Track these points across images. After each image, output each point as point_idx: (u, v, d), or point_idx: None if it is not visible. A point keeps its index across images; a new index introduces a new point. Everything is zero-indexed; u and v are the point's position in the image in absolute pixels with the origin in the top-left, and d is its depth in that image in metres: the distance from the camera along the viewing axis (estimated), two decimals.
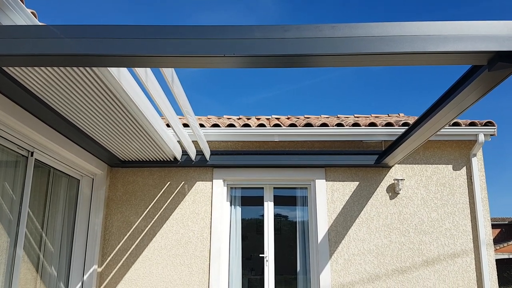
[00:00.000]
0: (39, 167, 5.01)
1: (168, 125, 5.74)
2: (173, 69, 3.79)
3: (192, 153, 6.15)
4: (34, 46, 2.69)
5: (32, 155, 4.66)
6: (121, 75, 3.66)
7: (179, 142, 6.10)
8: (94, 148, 5.46)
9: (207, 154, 6.21)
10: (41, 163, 4.98)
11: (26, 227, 4.68)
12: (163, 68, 3.53)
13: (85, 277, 5.94)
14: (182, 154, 6.32)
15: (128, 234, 6.39)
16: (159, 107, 4.24)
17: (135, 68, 3.44)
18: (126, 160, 6.32)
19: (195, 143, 6.29)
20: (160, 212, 6.46)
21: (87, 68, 3.39)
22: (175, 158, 6.26)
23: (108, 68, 3.46)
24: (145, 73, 3.66)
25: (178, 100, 4.18)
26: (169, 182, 6.56)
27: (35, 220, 5.01)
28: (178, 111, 4.83)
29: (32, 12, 3.00)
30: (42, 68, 3.32)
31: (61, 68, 3.36)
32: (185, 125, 6.15)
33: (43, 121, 4.41)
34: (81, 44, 2.70)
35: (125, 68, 3.76)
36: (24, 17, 2.87)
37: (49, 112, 4.17)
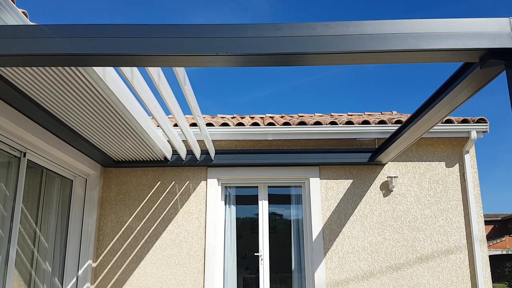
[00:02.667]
0: (32, 168, 4.97)
1: (176, 125, 5.92)
2: (184, 69, 3.82)
3: (197, 152, 6.17)
4: (26, 46, 2.67)
5: (24, 156, 4.63)
6: (107, 75, 3.64)
7: (184, 141, 6.16)
8: (87, 148, 5.43)
9: (212, 153, 6.23)
10: (34, 164, 4.95)
11: (19, 229, 4.65)
12: (176, 68, 3.56)
13: (79, 277, 5.91)
14: (173, 154, 6.30)
15: (122, 235, 6.36)
16: (169, 107, 4.27)
17: (148, 68, 3.46)
18: (120, 160, 6.30)
19: (187, 143, 6.27)
20: (154, 212, 6.44)
21: (78, 68, 3.37)
22: (165, 158, 6.26)
23: (100, 68, 3.45)
24: (158, 74, 3.72)
25: (188, 100, 4.22)
26: (163, 182, 6.54)
27: (28, 221, 4.98)
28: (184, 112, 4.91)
29: (23, 12, 2.98)
30: (34, 68, 3.30)
31: (52, 68, 3.34)
32: (175, 125, 6.13)
33: (36, 122, 4.38)
34: (72, 44, 2.68)
35: (124, 68, 3.74)
36: (16, 17, 2.85)
37: (41, 113, 4.14)
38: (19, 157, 4.60)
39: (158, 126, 5.70)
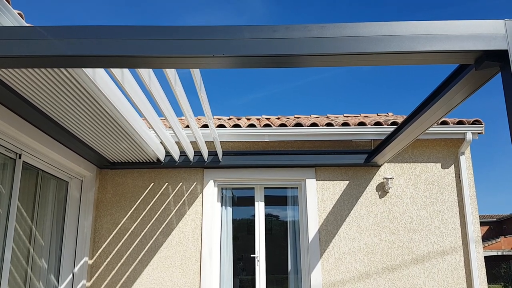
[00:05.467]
0: (27, 169, 4.95)
1: (187, 127, 6.02)
2: (200, 74, 3.85)
3: (205, 154, 6.23)
4: (21, 47, 2.66)
5: (20, 158, 4.61)
6: (102, 76, 3.64)
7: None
8: (82, 149, 5.41)
9: (219, 154, 6.25)
10: (29, 166, 4.93)
11: (15, 230, 4.62)
12: (194, 73, 3.59)
13: (75, 278, 5.89)
14: (180, 155, 6.30)
15: (118, 236, 6.34)
16: (182, 109, 4.34)
17: (166, 70, 3.49)
18: (115, 161, 6.29)
19: (184, 143, 6.27)
20: (150, 214, 6.42)
21: (73, 70, 3.37)
22: (160, 159, 6.25)
23: (96, 69, 3.44)
24: (174, 77, 3.74)
25: (203, 104, 4.29)
26: (159, 184, 6.53)
27: (23, 223, 4.96)
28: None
29: (19, 13, 2.97)
30: (29, 69, 3.29)
31: (48, 69, 3.33)
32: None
33: (31, 123, 4.36)
34: (68, 45, 2.68)
35: (121, 70, 3.73)
36: (11, 18, 2.84)
37: (36, 114, 4.12)
38: (14, 158, 4.58)
39: (169, 127, 5.88)
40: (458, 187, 6.46)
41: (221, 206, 6.74)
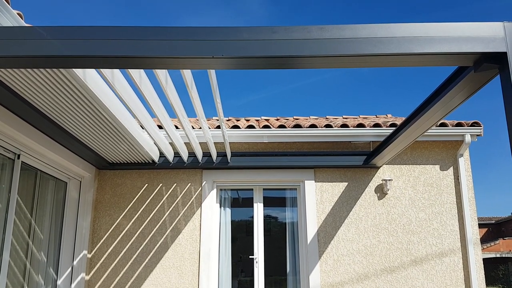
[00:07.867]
0: (26, 170, 4.95)
1: (176, 127, 5.98)
2: (216, 78, 3.87)
3: (214, 155, 6.24)
4: (20, 47, 2.66)
5: (18, 158, 4.60)
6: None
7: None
8: (81, 150, 5.41)
9: (228, 155, 6.25)
10: (28, 166, 4.93)
11: (13, 231, 4.61)
12: (211, 77, 3.60)
13: (73, 284, 5.88)
14: (174, 156, 6.32)
15: (116, 237, 6.34)
16: (196, 111, 4.38)
17: (183, 73, 3.51)
18: (114, 162, 6.28)
19: (187, 144, 6.27)
20: (148, 215, 6.42)
21: (69, 70, 3.37)
22: (158, 160, 6.26)
23: (94, 70, 3.44)
24: (191, 80, 3.79)
25: (218, 107, 4.35)
26: (157, 185, 6.52)
27: (22, 223, 4.95)
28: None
29: (18, 14, 2.97)
30: (29, 70, 3.29)
31: (47, 70, 3.33)
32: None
33: (30, 123, 4.36)
34: (67, 46, 2.68)
35: (118, 71, 3.73)
36: (10, 18, 2.84)
37: (35, 114, 4.12)
38: (13, 159, 4.57)
39: (177, 128, 5.92)
40: (456, 189, 6.46)
41: (220, 207, 6.74)
